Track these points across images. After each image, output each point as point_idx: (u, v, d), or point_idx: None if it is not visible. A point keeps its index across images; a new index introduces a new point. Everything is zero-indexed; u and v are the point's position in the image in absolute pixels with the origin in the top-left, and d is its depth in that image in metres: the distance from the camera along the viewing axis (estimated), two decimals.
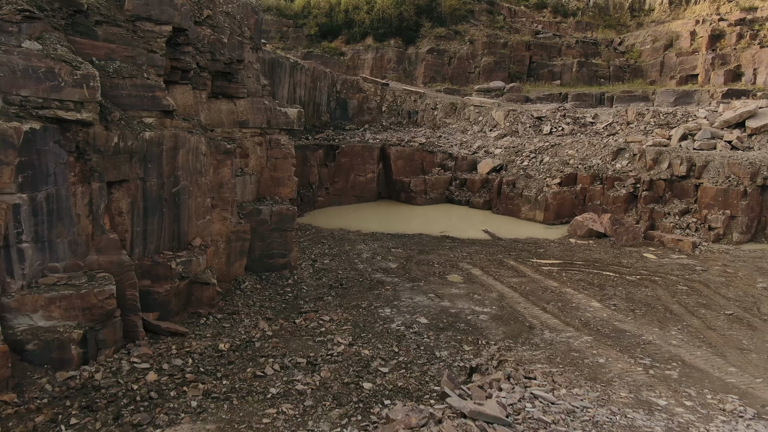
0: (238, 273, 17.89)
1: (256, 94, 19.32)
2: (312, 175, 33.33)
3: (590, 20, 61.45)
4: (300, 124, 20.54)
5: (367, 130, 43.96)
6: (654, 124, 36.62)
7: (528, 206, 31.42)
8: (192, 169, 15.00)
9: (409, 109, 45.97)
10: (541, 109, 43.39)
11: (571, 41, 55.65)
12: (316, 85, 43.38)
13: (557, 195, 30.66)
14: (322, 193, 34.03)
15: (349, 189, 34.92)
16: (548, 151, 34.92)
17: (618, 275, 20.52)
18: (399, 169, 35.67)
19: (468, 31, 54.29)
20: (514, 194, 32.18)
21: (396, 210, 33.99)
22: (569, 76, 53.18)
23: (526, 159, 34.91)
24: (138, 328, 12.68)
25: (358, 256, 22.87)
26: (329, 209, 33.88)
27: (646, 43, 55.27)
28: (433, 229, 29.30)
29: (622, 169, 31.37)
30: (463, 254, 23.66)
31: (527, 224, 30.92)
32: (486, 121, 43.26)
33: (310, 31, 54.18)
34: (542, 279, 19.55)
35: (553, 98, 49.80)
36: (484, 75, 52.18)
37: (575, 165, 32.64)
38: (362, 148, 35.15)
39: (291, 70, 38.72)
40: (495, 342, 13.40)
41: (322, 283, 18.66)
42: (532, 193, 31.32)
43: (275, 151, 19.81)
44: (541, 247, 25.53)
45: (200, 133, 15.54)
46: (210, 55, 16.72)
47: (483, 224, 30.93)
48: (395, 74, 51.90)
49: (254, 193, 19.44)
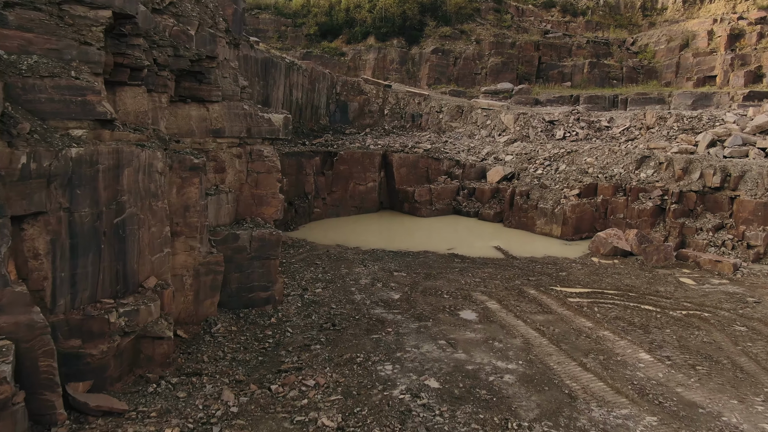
0: (209, 312, 14.55)
1: (233, 98, 15.96)
2: (307, 185, 29.99)
3: (600, 20, 57.95)
4: (287, 132, 17.17)
5: (368, 134, 40.61)
6: (678, 129, 33.16)
7: (544, 220, 28.00)
8: (143, 192, 11.66)
9: (413, 112, 42.60)
10: (552, 113, 39.98)
11: (582, 41, 52.17)
12: (315, 87, 40.04)
13: (576, 208, 27.24)
14: (318, 203, 30.69)
15: (348, 199, 31.58)
16: (564, 158, 31.48)
17: (659, 309, 17.12)
18: (402, 177, 32.30)
19: (474, 31, 50.87)
20: (528, 206, 28.76)
21: (399, 222, 30.62)
22: (580, 77, 49.71)
23: (539, 167, 31.50)
24: (56, 409, 9.35)
25: (356, 283, 19.51)
26: (326, 221, 30.53)
27: (660, 43, 51.76)
28: (439, 246, 25.94)
29: (647, 179, 27.92)
30: (475, 279, 20.28)
31: (543, 240, 27.52)
32: (494, 125, 39.86)
33: (310, 30, 50.85)
34: (572, 316, 16.16)
35: (563, 100, 46.40)
36: (491, 76, 48.77)
37: (595, 174, 29.19)
38: (362, 155, 31.79)
39: (287, 71, 35.38)
40: (529, 423, 10.02)
41: (311, 322, 15.31)
42: (548, 206, 27.90)
43: (257, 165, 16.44)
44: (562, 269, 22.14)
45: (157, 146, 12.20)
46: (172, 50, 13.36)
47: (494, 239, 27.54)
48: (398, 75, 48.53)
49: (231, 214, 16.09)
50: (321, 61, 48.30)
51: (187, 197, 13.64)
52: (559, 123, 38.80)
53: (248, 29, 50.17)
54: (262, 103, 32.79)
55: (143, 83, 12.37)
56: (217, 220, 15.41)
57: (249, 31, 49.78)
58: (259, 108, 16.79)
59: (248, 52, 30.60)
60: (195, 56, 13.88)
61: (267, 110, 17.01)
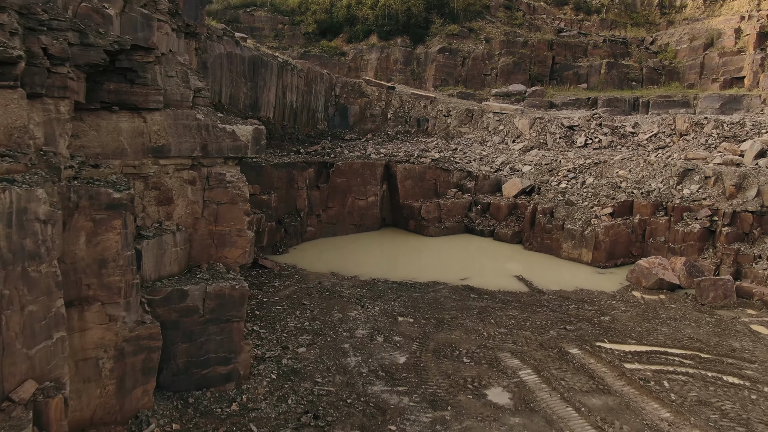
0: (141, 405, 10.13)
1: (182, 104, 11.50)
2: (300, 200, 25.53)
3: (616, 18, 53.27)
4: (258, 149, 12.72)
5: (369, 140, 36.12)
6: (717, 137, 28.58)
7: (571, 243, 23.46)
8: (11, 255, 7.26)
9: (418, 117, 38.09)
10: (571, 117, 35.42)
11: (598, 40, 47.51)
12: (311, 89, 35.56)
13: (610, 230, 22.70)
14: (312, 221, 26.22)
15: (346, 216, 27.09)
16: (591, 170, 26.91)
17: (749, 384, 12.63)
18: (407, 191, 27.80)
19: (484, 29, 46.27)
20: (552, 226, 24.21)
21: (404, 243, 26.13)
22: (597, 78, 45.08)
23: (563, 179, 26.95)
24: None
25: (351, 336, 15.07)
26: (321, 242, 26.06)
27: (682, 42, 47.05)
28: (451, 274, 21.48)
29: (692, 196, 23.37)
30: (500, 330, 15.79)
31: (570, 266, 23.00)
32: (508, 130, 35.31)
33: (308, 28, 46.32)
34: (639, 400, 11.68)
35: (580, 103, 41.80)
36: (501, 77, 44.19)
37: (629, 189, 24.62)
38: (362, 166, 27.29)
39: (279, 71, 30.92)
40: None
41: (285, 411, 10.88)
42: (576, 226, 23.36)
43: (217, 193, 12.00)
44: (603, 310, 17.65)
45: (40, 179, 7.79)
46: (75, 35, 8.91)
47: (514, 265, 23.05)
48: (402, 76, 44.00)
49: (182, 260, 11.65)
50: (320, 62, 43.82)
51: (103, 248, 9.22)
52: (579, 128, 34.25)
53: (243, 27, 45.77)
54: (251, 107, 28.34)
55: (19, 84, 7.93)
56: (157, 272, 10.97)
57: (243, 29, 45.38)
58: (221, 118, 12.33)
59: (233, 50, 26.14)
60: (115, 46, 9.41)
61: (231, 120, 12.56)
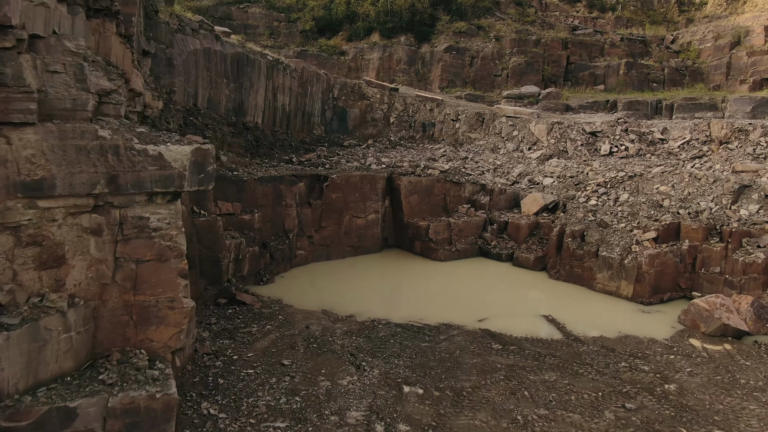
0: None
1: (74, 116, 7.33)
2: (288, 220, 21.38)
3: (632, 15, 48.96)
4: (203, 178, 8.57)
5: (370, 147, 31.97)
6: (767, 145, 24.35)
7: (608, 273, 19.24)
8: None
9: (424, 121, 33.90)
10: (593, 122, 31.17)
11: (615, 38, 43.23)
12: (307, 91, 31.39)
13: (655, 258, 18.47)
14: (303, 243, 22.06)
15: (343, 236, 22.93)
16: (625, 184, 22.66)
17: None
18: (413, 207, 23.62)
19: (493, 26, 42.03)
20: (583, 252, 20.00)
21: (408, 268, 21.96)
22: (615, 79, 40.83)
23: (592, 195, 22.72)
24: None
25: (341, 421, 10.93)
26: (313, 268, 21.92)
27: (706, 41, 42.74)
28: (466, 312, 17.35)
29: (751, 218, 19.14)
30: (538, 411, 11.62)
31: (607, 302, 18.81)
32: (522, 136, 31.09)
33: (305, 26, 42.14)
34: None
35: (598, 106, 37.58)
36: (513, 78, 39.96)
37: (674, 209, 20.39)
38: (361, 179, 23.11)
39: (269, 71, 26.74)
40: None
41: None
42: (614, 254, 19.12)
43: (136, 246, 7.85)
44: (665, 375, 13.46)
45: None
46: None
47: (539, 299, 18.91)
48: (406, 77, 39.80)
49: (79, 351, 7.49)
50: (317, 61, 39.66)
51: None
52: (603, 135, 30.01)
53: (236, 25, 41.60)
54: (234, 111, 24.18)
55: None
56: (31, 377, 6.82)
57: (236, 27, 41.21)
58: (142, 134, 8.14)
59: (212, 45, 21.96)
60: None
61: (160, 138, 8.37)
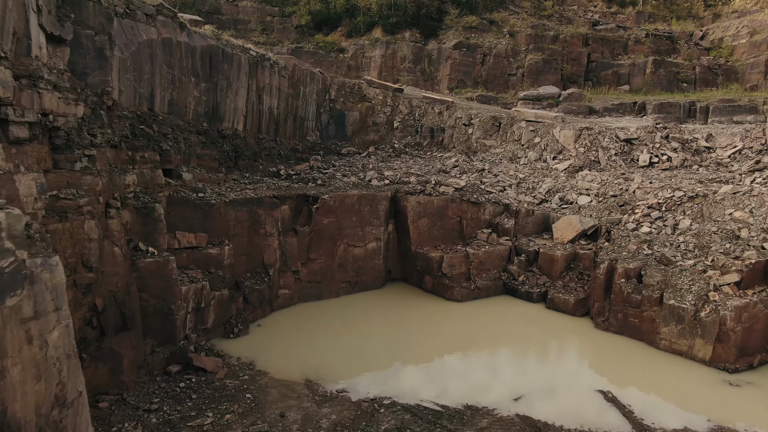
0: None
1: None
2: (268, 252, 16.60)
3: (654, 10, 43.92)
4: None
5: (371, 155, 27.19)
6: None
7: (677, 327, 14.39)
8: None
9: (432, 125, 29.07)
10: (627, 127, 26.31)
11: (640, 34, 38.25)
12: (299, 92, 26.58)
13: (743, 311, 13.64)
14: (287, 280, 17.27)
15: (336, 270, 18.11)
16: (685, 206, 17.76)
17: None
18: (422, 233, 18.79)
19: (507, 21, 37.13)
20: (642, 298, 15.14)
21: (417, 312, 17.14)
22: (640, 79, 35.86)
23: (643, 220, 17.83)
24: None
25: None
26: (299, 310, 17.14)
27: (740, 37, 37.75)
28: (495, 384, 12.62)
29: None
30: None
31: (678, 366, 13.97)
32: (546, 144, 26.24)
33: (301, 21, 37.29)
34: None
35: (625, 109, 32.70)
36: (529, 78, 35.06)
37: (755, 242, 15.53)
38: (359, 200, 18.29)
39: (253, 69, 21.93)
40: None
41: None
42: (685, 303, 14.27)
43: None
44: None
45: None
46: None
47: (589, 362, 14.12)
48: (411, 76, 34.96)
49: None
50: (314, 59, 34.86)
51: None
52: (640, 142, 25.15)
53: (225, 20, 36.78)
54: (207, 117, 19.39)
55: None
56: None
57: (226, 22, 36.42)
58: None
59: (174, 36, 17.12)
60: None
61: None
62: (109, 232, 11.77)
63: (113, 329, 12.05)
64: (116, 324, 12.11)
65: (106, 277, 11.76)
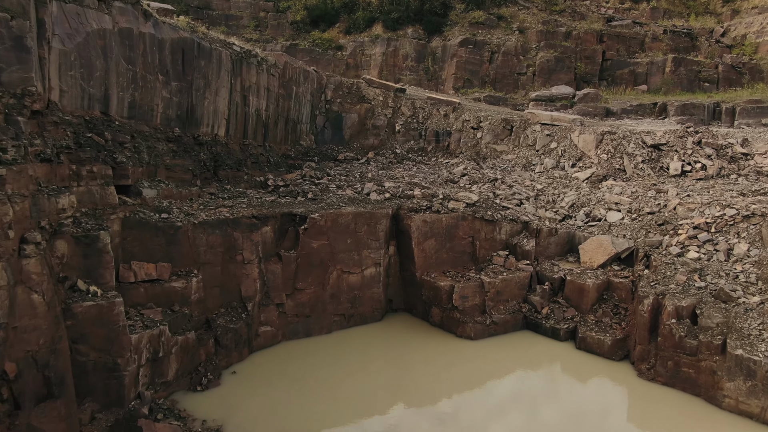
0: None
1: None
2: (246, 282, 13.65)
3: (669, 6, 40.85)
4: None
5: (371, 161, 24.25)
6: None
7: (745, 384, 11.41)
8: None
9: (437, 129, 26.10)
10: (653, 132, 23.31)
11: (657, 31, 35.20)
12: (291, 92, 23.60)
13: None
14: (269, 315, 14.30)
15: (329, 301, 15.14)
16: (740, 227, 14.78)
17: None
18: (428, 257, 15.81)
19: (516, 16, 34.12)
20: (698, 344, 12.17)
21: (423, 352, 14.17)
22: (659, 78, 32.82)
23: (690, 243, 14.86)
24: None
25: None
26: (284, 349, 14.18)
27: (765, 33, 34.69)
28: None
29: None
30: None
31: (745, 428, 11.06)
32: (563, 149, 23.26)
33: (296, 16, 34.30)
34: None
35: (644, 110, 29.76)
36: (540, 77, 32.06)
37: None
38: (355, 218, 15.31)
39: (236, 66, 18.94)
40: None
41: None
42: (758, 356, 11.29)
43: None
44: None
45: None
46: None
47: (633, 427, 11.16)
48: (414, 76, 32.00)
49: None
50: (310, 57, 31.93)
51: None
52: (669, 148, 22.14)
53: (216, 15, 33.86)
54: (181, 121, 16.40)
55: None
56: None
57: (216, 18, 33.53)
58: None
59: (135, 26, 14.12)
60: None
61: None
62: (25, 275, 8.84)
63: (33, 400, 9.14)
64: (37, 392, 9.20)
65: (20, 334, 8.85)
